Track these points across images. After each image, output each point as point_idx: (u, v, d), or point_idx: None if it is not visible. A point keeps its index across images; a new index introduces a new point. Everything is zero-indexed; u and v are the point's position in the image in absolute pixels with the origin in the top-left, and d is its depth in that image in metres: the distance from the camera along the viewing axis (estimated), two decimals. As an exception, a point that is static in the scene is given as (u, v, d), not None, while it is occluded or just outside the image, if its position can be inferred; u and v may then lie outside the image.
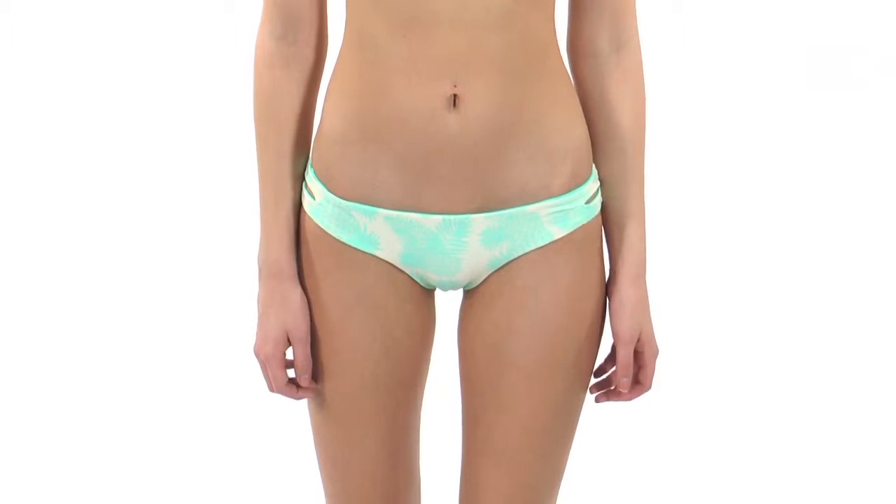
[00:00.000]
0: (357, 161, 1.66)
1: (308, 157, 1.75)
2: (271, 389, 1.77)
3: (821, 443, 3.28)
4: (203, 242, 3.91)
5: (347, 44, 1.66)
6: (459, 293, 1.83)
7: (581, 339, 1.73)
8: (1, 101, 4.00)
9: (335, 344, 1.72)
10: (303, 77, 1.71)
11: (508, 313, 1.71)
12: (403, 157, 1.63)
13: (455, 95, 1.60)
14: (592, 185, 1.72)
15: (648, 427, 3.31)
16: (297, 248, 1.76)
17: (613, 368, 1.80)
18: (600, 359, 1.82)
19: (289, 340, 1.75)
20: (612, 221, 1.76)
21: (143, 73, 4.01)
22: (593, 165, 1.74)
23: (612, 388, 1.80)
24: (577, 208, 1.70)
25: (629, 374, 1.76)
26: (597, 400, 1.82)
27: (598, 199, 1.74)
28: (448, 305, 1.96)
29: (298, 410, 3.37)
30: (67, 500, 3.03)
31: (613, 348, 1.79)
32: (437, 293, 1.86)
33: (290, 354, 1.79)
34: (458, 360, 1.80)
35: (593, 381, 1.83)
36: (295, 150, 1.73)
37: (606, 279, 1.79)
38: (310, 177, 1.73)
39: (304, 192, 1.74)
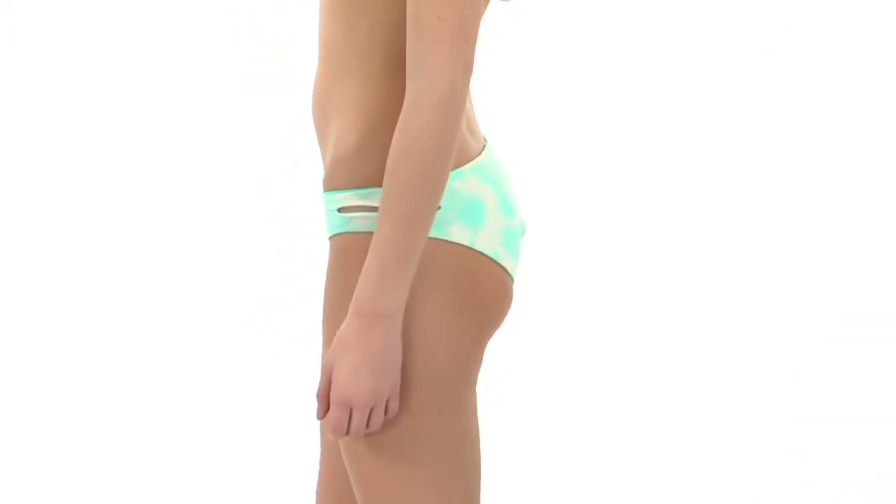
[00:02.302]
0: None
1: None
2: None
3: (814, 440, 3.28)
4: (201, 244, 3.91)
5: None
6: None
7: None
8: (1, 101, 4.01)
9: None
10: None
11: None
12: None
13: (318, 70, 1.70)
14: (351, 196, 1.63)
15: (642, 426, 3.31)
16: None
17: None
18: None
19: None
20: None
21: (143, 73, 4.01)
22: (377, 188, 1.63)
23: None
24: (331, 212, 1.66)
25: (322, 404, 1.59)
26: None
27: (361, 216, 1.64)
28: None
29: (292, 415, 3.38)
30: (67, 499, 3.03)
31: None
32: None
33: None
34: None
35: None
36: None
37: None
38: None
39: None
